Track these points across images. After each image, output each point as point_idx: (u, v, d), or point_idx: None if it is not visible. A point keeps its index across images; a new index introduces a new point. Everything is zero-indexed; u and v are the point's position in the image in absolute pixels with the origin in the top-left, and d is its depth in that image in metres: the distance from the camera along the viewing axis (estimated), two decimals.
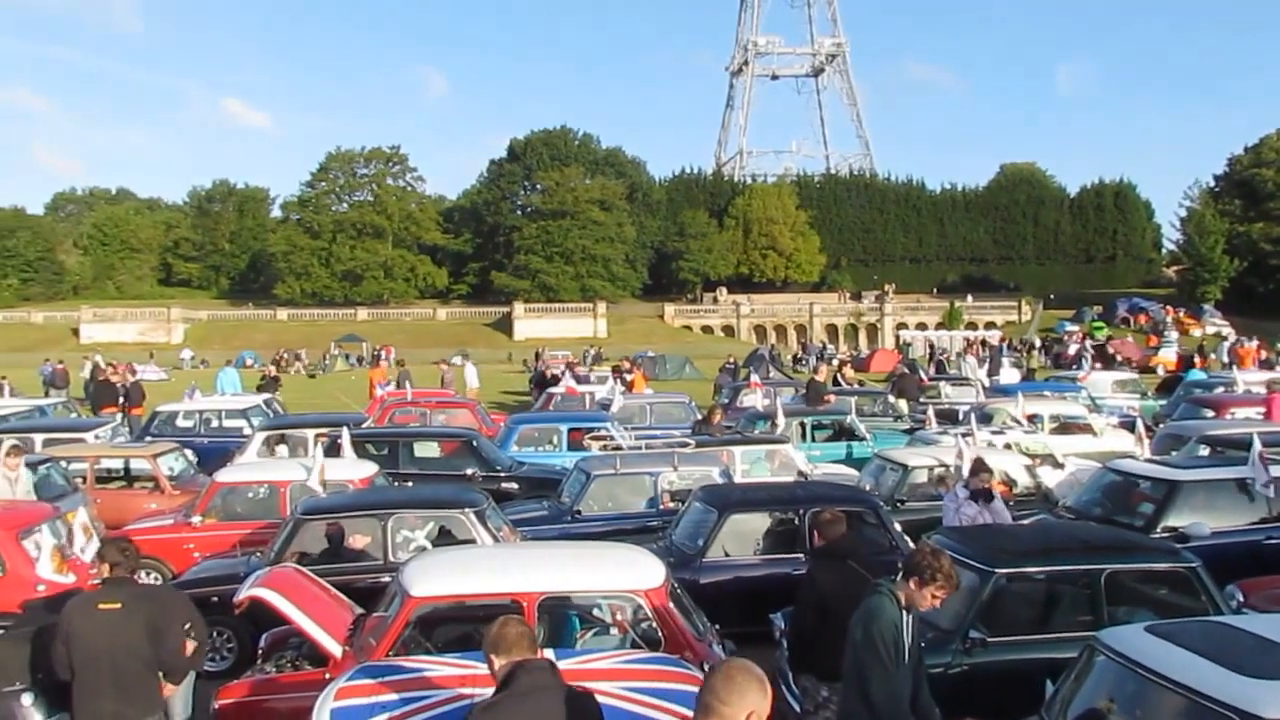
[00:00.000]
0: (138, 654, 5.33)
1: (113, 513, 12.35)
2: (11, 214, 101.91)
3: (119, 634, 5.29)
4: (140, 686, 5.37)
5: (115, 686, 5.28)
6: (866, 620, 4.69)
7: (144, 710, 5.38)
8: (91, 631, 5.28)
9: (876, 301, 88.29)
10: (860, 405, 20.48)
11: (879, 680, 4.57)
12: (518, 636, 3.79)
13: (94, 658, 5.26)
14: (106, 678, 5.27)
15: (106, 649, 5.26)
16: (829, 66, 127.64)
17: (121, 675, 5.28)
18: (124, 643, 5.28)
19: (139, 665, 5.35)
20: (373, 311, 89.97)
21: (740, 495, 10.10)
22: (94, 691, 5.28)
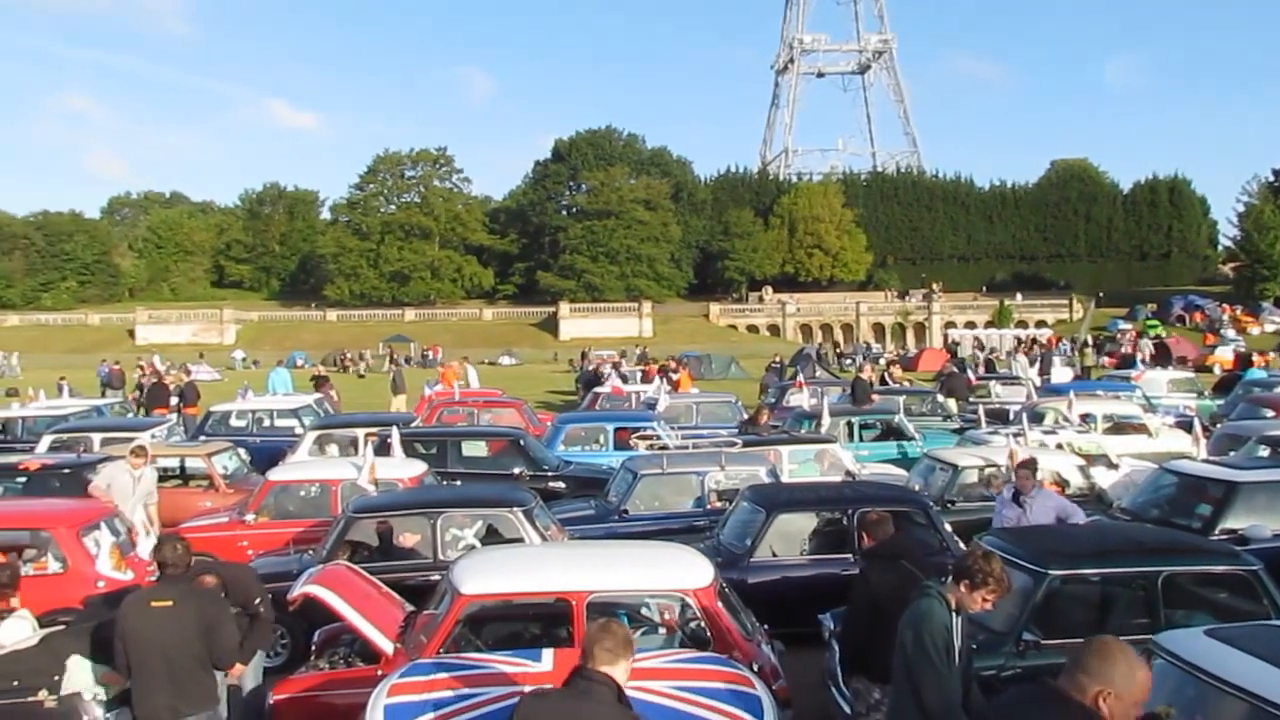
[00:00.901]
0: (190, 650, 5.45)
1: (169, 511, 12.53)
2: (69, 218, 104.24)
3: (171, 630, 5.41)
4: (193, 682, 5.48)
5: (170, 682, 5.40)
6: (917, 624, 4.64)
7: (198, 705, 5.50)
8: (145, 628, 5.42)
9: (924, 300, 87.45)
10: (908, 405, 20.29)
11: (932, 684, 4.52)
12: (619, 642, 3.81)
13: (148, 654, 5.39)
14: (161, 673, 5.39)
15: (160, 645, 5.39)
16: (875, 63, 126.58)
17: (175, 671, 5.41)
18: (176, 639, 5.41)
19: (192, 661, 5.46)
20: (420, 312, 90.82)
21: (788, 495, 10.05)
22: (150, 687, 5.41)
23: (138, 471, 10.86)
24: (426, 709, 4.24)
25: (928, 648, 4.53)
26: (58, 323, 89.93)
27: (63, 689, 5.92)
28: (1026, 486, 9.09)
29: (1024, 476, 9.15)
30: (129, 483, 10.69)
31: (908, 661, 4.59)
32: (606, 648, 3.77)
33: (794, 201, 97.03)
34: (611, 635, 3.83)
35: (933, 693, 4.50)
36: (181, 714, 5.44)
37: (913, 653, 4.57)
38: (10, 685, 5.90)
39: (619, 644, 3.80)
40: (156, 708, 5.42)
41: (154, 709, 5.42)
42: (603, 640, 3.80)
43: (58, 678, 5.94)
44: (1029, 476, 9.14)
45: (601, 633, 3.86)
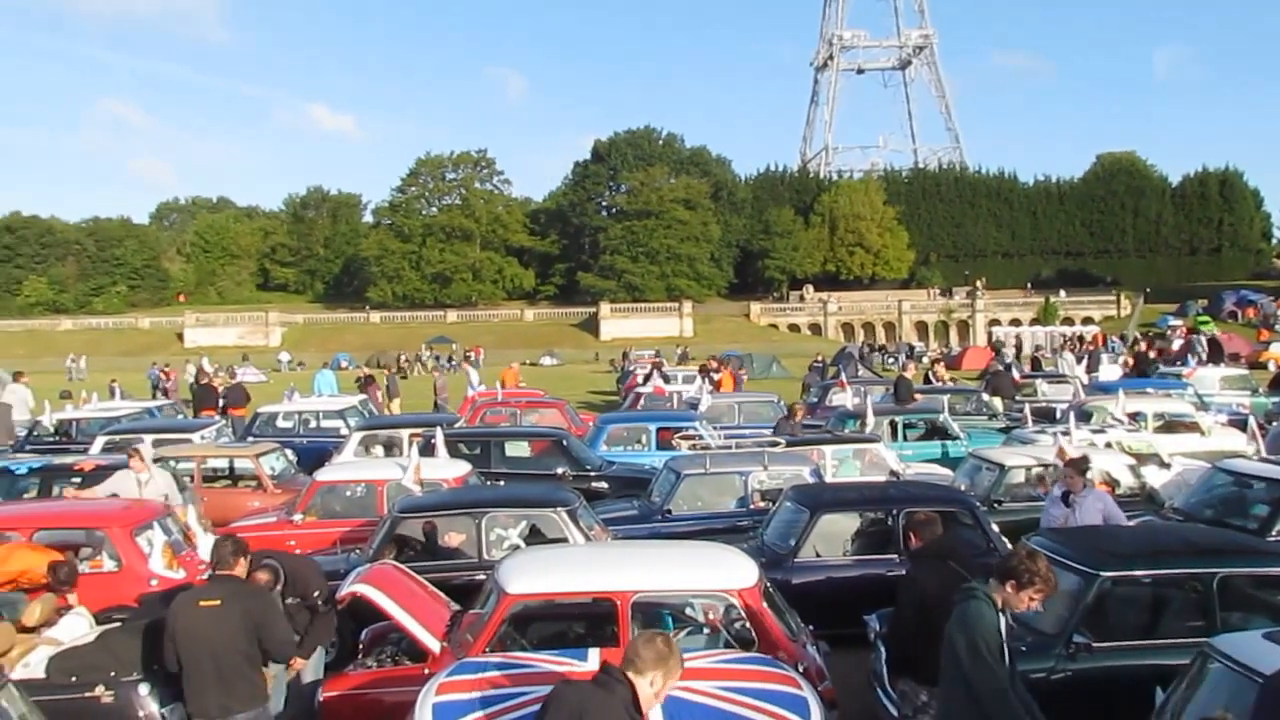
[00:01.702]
0: (238, 648, 5.55)
1: (218, 510, 12.73)
2: (119, 224, 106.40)
3: (219, 629, 5.52)
4: (242, 680, 5.58)
5: (219, 679, 5.51)
6: (967, 627, 4.59)
7: (247, 703, 5.59)
8: (194, 627, 5.53)
9: (968, 298, 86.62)
10: (953, 404, 20.09)
11: (988, 685, 4.48)
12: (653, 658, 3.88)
13: (197, 652, 5.50)
14: (210, 671, 5.50)
15: (208, 644, 5.50)
16: (916, 58, 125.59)
17: (224, 669, 5.51)
18: (224, 638, 5.51)
19: (240, 659, 5.56)
20: (462, 313, 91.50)
21: (832, 495, 9.99)
22: (200, 684, 5.53)
23: (143, 475, 10.71)
24: (474, 707, 4.27)
25: (982, 651, 4.49)
26: (109, 326, 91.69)
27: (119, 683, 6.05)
28: (1076, 485, 8.93)
29: (1072, 475, 9.00)
30: (134, 487, 10.60)
31: (960, 665, 4.55)
32: (636, 657, 3.87)
33: (835, 199, 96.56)
34: (649, 648, 3.91)
35: (988, 693, 4.47)
36: (231, 711, 5.54)
37: (967, 657, 4.52)
38: (69, 680, 6.03)
39: (652, 660, 3.87)
40: (207, 705, 5.53)
41: (204, 706, 5.54)
42: (639, 649, 3.91)
43: (114, 673, 6.06)
44: (1077, 475, 8.99)
45: (643, 644, 3.95)
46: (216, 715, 5.53)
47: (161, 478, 11.02)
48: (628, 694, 3.79)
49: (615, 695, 3.75)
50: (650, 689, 3.87)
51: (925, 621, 5.79)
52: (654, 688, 3.88)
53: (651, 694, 3.89)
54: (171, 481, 11.27)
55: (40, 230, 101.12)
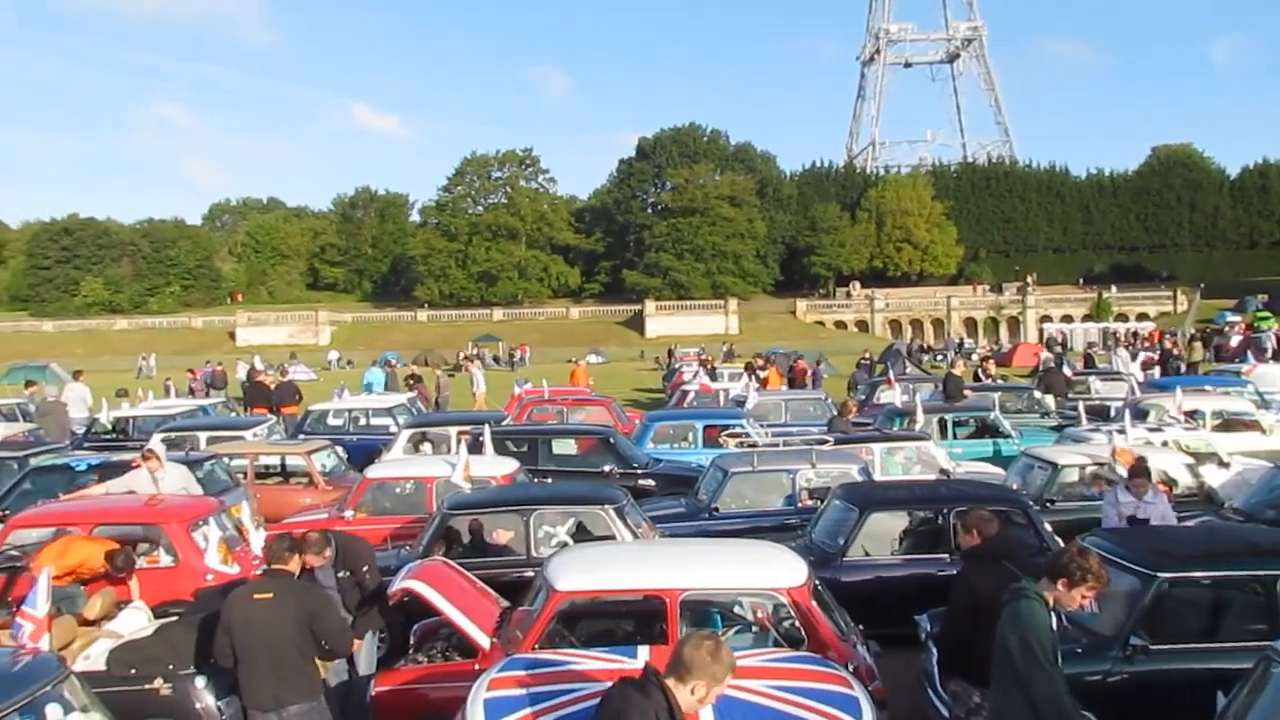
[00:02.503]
0: (291, 641, 5.64)
1: (271, 507, 12.93)
2: (172, 225, 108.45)
3: (273, 622, 5.63)
4: (296, 672, 5.68)
5: (273, 671, 5.61)
6: (1021, 627, 4.53)
7: (301, 695, 5.68)
8: (248, 620, 5.64)
9: (1018, 294, 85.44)
10: (1004, 401, 19.82)
11: (1044, 685, 4.42)
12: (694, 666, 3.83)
13: (252, 645, 5.61)
14: (265, 663, 5.60)
15: (263, 636, 5.61)
16: (965, 51, 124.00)
17: (278, 661, 5.61)
18: (278, 631, 5.62)
19: (293, 652, 5.66)
20: (508, 311, 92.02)
21: (882, 493, 9.91)
22: (255, 676, 5.63)
23: (158, 474, 10.79)
24: (525, 703, 4.29)
25: (1036, 652, 4.43)
26: (163, 326, 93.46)
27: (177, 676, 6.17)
28: (1143, 491, 8.76)
29: (1140, 485, 8.80)
30: (148, 485, 10.69)
31: (1014, 666, 4.49)
32: (680, 663, 3.81)
33: (882, 195, 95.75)
34: (695, 654, 3.81)
35: (1045, 693, 4.41)
36: (285, 702, 5.62)
37: (1021, 658, 4.46)
38: (129, 673, 6.16)
39: (696, 666, 3.78)
40: (261, 696, 5.63)
41: (259, 698, 5.63)
42: (683, 655, 3.83)
43: (172, 666, 6.18)
44: (1146, 485, 8.80)
45: (689, 649, 3.85)
46: (271, 706, 5.61)
47: (176, 473, 11.11)
48: (663, 700, 3.74)
49: (650, 700, 3.73)
50: (692, 696, 3.81)
51: (978, 622, 5.71)
52: (696, 695, 3.81)
53: (694, 700, 3.83)
54: (189, 476, 11.37)
55: (97, 232, 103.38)
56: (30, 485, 12.51)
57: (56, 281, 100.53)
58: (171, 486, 10.72)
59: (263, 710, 5.63)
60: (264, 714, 5.63)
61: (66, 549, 8.00)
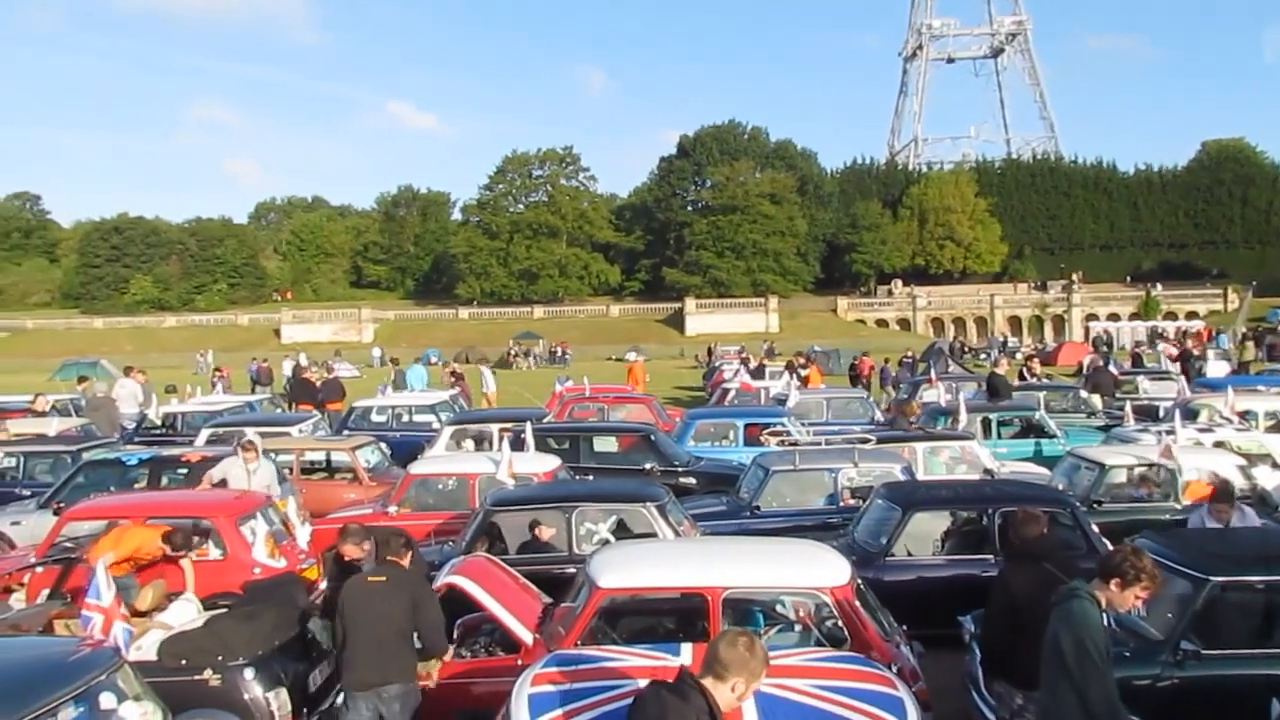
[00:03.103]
0: (397, 625, 5.91)
1: (316, 502, 13.06)
2: (219, 224, 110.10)
3: (382, 606, 5.92)
4: (397, 655, 5.92)
5: (379, 652, 5.85)
6: (1075, 628, 4.47)
7: (401, 675, 5.91)
8: (360, 603, 5.94)
9: (1063, 292, 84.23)
10: (1049, 400, 19.57)
11: (1098, 685, 4.36)
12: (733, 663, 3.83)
13: (360, 626, 5.88)
14: (371, 645, 5.85)
15: (371, 619, 5.88)
16: (1009, 46, 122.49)
17: (383, 643, 5.85)
18: (386, 614, 5.89)
19: (397, 635, 5.92)
20: (548, 309, 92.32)
21: (925, 493, 9.84)
22: (358, 656, 5.88)
23: (251, 465, 11.18)
24: (570, 699, 4.32)
25: (1091, 653, 4.37)
26: (210, 323, 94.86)
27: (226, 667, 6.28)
28: (1227, 516, 8.54)
29: (1223, 510, 8.57)
30: (243, 476, 11.06)
31: (1066, 668, 4.43)
32: (717, 661, 3.81)
33: (924, 192, 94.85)
34: (731, 651, 3.81)
35: (1098, 695, 4.36)
36: (388, 681, 5.86)
37: (1074, 660, 4.40)
38: (179, 664, 6.28)
39: (734, 664, 3.78)
40: (366, 675, 5.86)
41: (363, 676, 5.86)
42: (720, 654, 3.82)
43: (221, 657, 6.28)
44: (1228, 510, 8.58)
45: (724, 647, 3.84)
46: (377, 683, 5.84)
47: (267, 469, 11.50)
48: (703, 702, 3.74)
49: (690, 704, 3.72)
50: (732, 694, 3.81)
51: (1016, 623, 5.68)
52: (736, 692, 3.82)
53: (733, 698, 3.83)
54: (275, 473, 11.72)
55: (146, 230, 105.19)
56: (83, 479, 12.76)
57: (107, 280, 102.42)
58: (263, 479, 11.14)
59: (363, 688, 5.84)
60: (364, 693, 5.84)
61: (122, 537, 8.17)
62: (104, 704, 5.16)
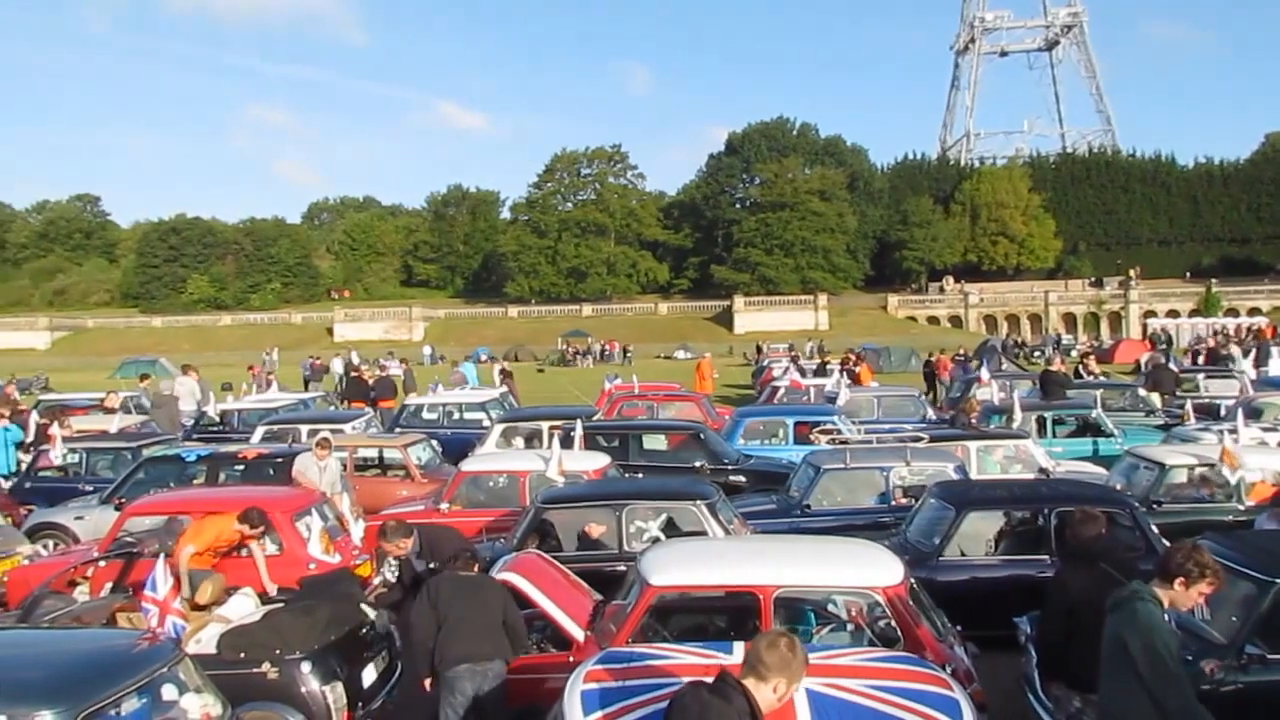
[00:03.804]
0: (494, 612, 6.20)
1: (369, 498, 13.21)
2: (273, 224, 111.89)
3: (476, 593, 6.25)
4: (498, 636, 6.14)
5: (475, 632, 6.08)
6: (1143, 633, 4.36)
7: (493, 653, 6.10)
8: (454, 591, 6.24)
9: (1120, 288, 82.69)
10: (1106, 399, 19.22)
11: (1175, 692, 4.27)
12: (775, 664, 3.83)
13: (456, 611, 6.15)
14: (468, 626, 6.09)
15: (472, 602, 6.13)
16: (1064, 38, 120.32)
17: (477, 625, 6.09)
18: (484, 599, 6.23)
19: (494, 620, 6.16)
20: (597, 307, 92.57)
21: (980, 492, 9.72)
22: (462, 633, 6.10)
23: (323, 462, 11.54)
24: (622, 696, 4.31)
25: (1165, 658, 4.27)
26: (264, 322, 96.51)
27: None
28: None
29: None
30: (315, 473, 11.34)
31: (1137, 673, 4.34)
32: (759, 662, 3.82)
33: (976, 187, 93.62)
34: (772, 652, 3.81)
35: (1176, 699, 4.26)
36: (494, 656, 6.08)
37: (1147, 665, 4.30)
38: (238, 657, 6.38)
39: (776, 664, 3.79)
40: (471, 648, 6.06)
41: (469, 649, 6.06)
42: (761, 654, 3.83)
43: (279, 651, 6.38)
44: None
45: (765, 647, 3.85)
46: (486, 655, 6.07)
47: (335, 467, 11.90)
48: (744, 703, 3.74)
49: (733, 705, 3.71)
50: (773, 695, 3.81)
51: (1073, 625, 5.60)
52: (778, 693, 3.82)
53: (774, 699, 3.83)
54: (340, 471, 12.12)
55: (202, 231, 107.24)
56: (143, 475, 13.03)
57: (165, 279, 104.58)
58: (332, 475, 11.59)
59: (468, 661, 6.02)
60: (467, 668, 6.02)
61: (200, 529, 8.34)
62: (166, 696, 5.27)
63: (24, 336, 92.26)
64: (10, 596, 9.53)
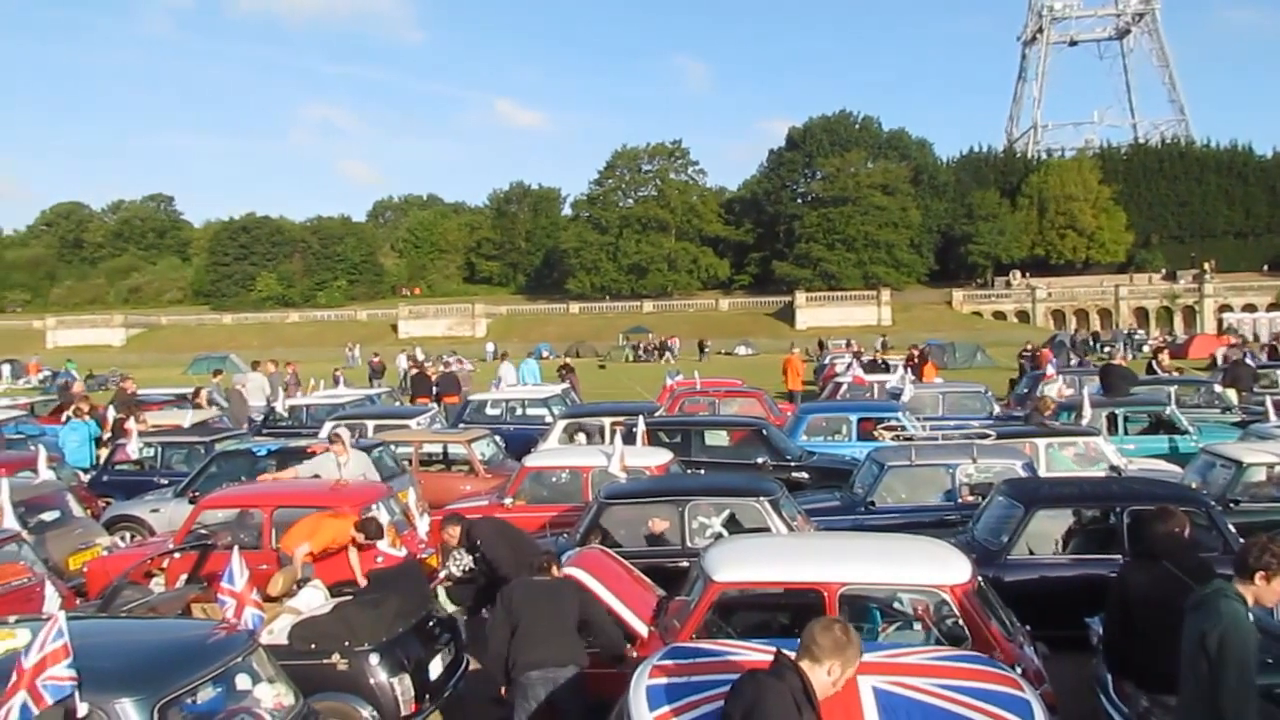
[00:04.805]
0: (570, 617, 6.21)
1: (433, 493, 13.36)
2: (339, 222, 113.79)
3: (552, 599, 6.24)
4: (574, 642, 6.15)
5: (550, 637, 6.07)
6: (1226, 632, 4.21)
7: (567, 659, 6.08)
8: (531, 596, 6.26)
9: (1194, 281, 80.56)
10: (1180, 395, 18.72)
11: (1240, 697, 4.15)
12: (831, 646, 3.89)
13: (533, 615, 6.13)
14: (543, 630, 6.08)
15: (543, 608, 6.17)
16: (1136, 26, 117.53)
17: (553, 630, 6.07)
18: (556, 606, 6.20)
19: (570, 626, 6.16)
20: (657, 303, 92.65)
21: (1049, 490, 9.55)
22: (538, 637, 6.09)
23: (342, 458, 11.33)
24: (688, 692, 4.31)
25: (1239, 661, 4.15)
26: (330, 319, 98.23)
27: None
28: None
29: None
30: (334, 469, 11.29)
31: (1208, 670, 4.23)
32: (813, 644, 3.89)
33: (1044, 180, 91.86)
34: (826, 635, 3.90)
35: (1238, 707, 4.15)
36: (568, 662, 6.06)
37: (1222, 665, 4.19)
38: (308, 648, 6.51)
39: (829, 648, 3.86)
40: (546, 653, 6.05)
41: (544, 654, 6.05)
42: (815, 637, 3.90)
43: (348, 643, 6.50)
44: None
45: (819, 630, 3.93)
46: (562, 660, 6.05)
47: (358, 460, 11.64)
48: (798, 683, 3.78)
49: (785, 683, 3.76)
50: (827, 677, 3.86)
51: (1130, 622, 5.51)
52: (831, 676, 3.86)
53: (828, 682, 3.87)
54: (368, 463, 11.88)
55: (271, 229, 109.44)
56: (216, 469, 13.33)
57: (235, 277, 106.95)
58: (354, 471, 11.29)
59: (535, 668, 6.02)
60: (541, 672, 6.02)
61: (317, 528, 8.51)
62: (240, 685, 5.39)
63: (100, 333, 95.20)
64: (90, 587, 9.82)
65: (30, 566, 8.82)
